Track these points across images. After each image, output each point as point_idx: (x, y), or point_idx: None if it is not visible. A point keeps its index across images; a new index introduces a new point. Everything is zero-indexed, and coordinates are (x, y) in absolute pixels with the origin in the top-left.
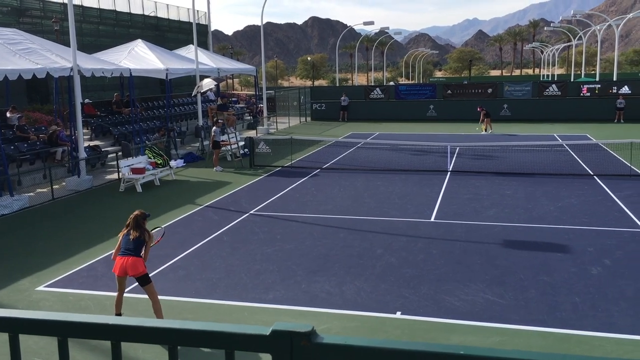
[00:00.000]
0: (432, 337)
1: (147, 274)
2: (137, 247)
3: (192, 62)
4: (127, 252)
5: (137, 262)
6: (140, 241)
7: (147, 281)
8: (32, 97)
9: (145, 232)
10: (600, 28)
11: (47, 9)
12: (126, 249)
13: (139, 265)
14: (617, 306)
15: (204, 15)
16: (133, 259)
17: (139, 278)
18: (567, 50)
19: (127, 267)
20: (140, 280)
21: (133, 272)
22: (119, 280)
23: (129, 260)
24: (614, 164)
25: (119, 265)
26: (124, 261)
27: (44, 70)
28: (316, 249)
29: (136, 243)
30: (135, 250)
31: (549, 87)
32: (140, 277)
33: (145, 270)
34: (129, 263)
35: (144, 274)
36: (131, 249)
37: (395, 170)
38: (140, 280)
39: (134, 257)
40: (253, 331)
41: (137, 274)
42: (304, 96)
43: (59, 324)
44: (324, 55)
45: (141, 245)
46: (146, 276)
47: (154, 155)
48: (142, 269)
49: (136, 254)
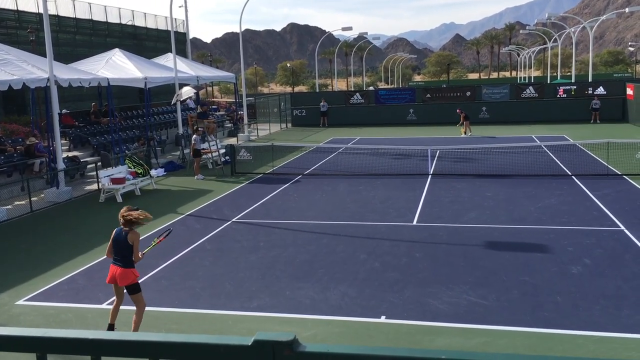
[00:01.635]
0: (417, 340)
1: (136, 284)
2: (125, 256)
3: (170, 70)
4: (116, 262)
5: (125, 273)
6: (126, 247)
7: (135, 291)
8: (9, 109)
9: (133, 233)
10: (575, 30)
11: (23, 19)
12: (116, 255)
13: (127, 277)
14: (597, 304)
15: (182, 23)
16: (122, 270)
17: (127, 287)
18: (543, 53)
19: (117, 277)
20: (128, 289)
21: (122, 282)
22: (114, 287)
23: (118, 270)
24: (592, 164)
25: (110, 274)
26: (114, 270)
27: (20, 82)
28: (300, 255)
29: (123, 250)
30: (123, 259)
31: (526, 89)
32: (128, 287)
33: (134, 280)
34: (118, 274)
35: (132, 284)
36: (119, 258)
37: (377, 174)
38: (128, 289)
39: (122, 269)
40: (235, 342)
41: (126, 284)
42: (284, 102)
43: (38, 340)
44: (304, 62)
45: (129, 251)
46: (135, 286)
47: (134, 165)
48: (131, 279)
49: (124, 264)
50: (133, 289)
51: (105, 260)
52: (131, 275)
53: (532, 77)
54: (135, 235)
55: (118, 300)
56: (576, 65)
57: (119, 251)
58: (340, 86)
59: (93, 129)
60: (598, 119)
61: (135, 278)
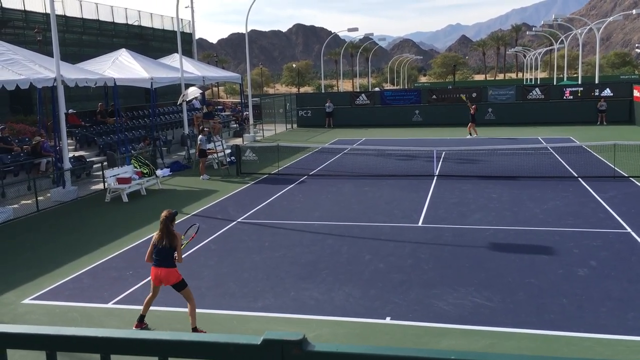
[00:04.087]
0: (422, 342)
1: (182, 281)
2: (167, 257)
3: (176, 70)
4: (160, 263)
5: (170, 273)
6: (170, 249)
7: (183, 287)
8: (15, 108)
9: (174, 238)
10: (581, 32)
11: (30, 20)
12: (158, 259)
13: (172, 276)
14: (603, 307)
15: (188, 23)
16: (166, 270)
17: (174, 286)
18: (549, 54)
19: (162, 278)
20: (175, 288)
21: (167, 283)
22: (154, 287)
23: (163, 272)
24: (598, 166)
25: (154, 276)
26: (159, 272)
27: (27, 81)
28: (304, 256)
29: (166, 252)
30: (167, 260)
31: (532, 90)
32: (174, 285)
33: (179, 278)
34: (162, 275)
35: (178, 282)
36: (162, 259)
37: (382, 175)
38: (176, 287)
39: (166, 269)
40: (244, 341)
41: (171, 284)
42: (290, 103)
43: (48, 338)
44: (309, 62)
45: (171, 253)
46: (181, 283)
47: (140, 165)
48: (176, 278)
49: (168, 265)
50: (181, 286)
51: (109, 260)
52: (176, 274)
53: (538, 79)
54: (178, 238)
55: (153, 296)
56: (583, 67)
57: (164, 253)
58: (346, 87)
59: (99, 128)
60: (605, 121)
61: (179, 276)
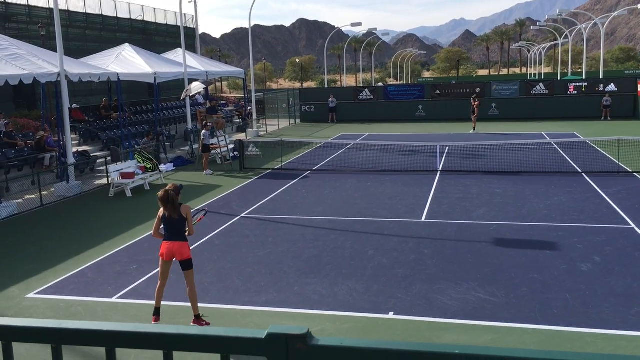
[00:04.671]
0: (425, 336)
1: (191, 259)
2: (181, 230)
3: (180, 65)
4: (173, 236)
5: (183, 246)
6: (182, 221)
7: (190, 266)
8: (19, 103)
9: (183, 207)
10: (586, 27)
11: (33, 15)
12: (171, 233)
13: (185, 250)
14: (607, 302)
15: (191, 18)
16: (180, 243)
17: (183, 262)
18: (553, 49)
19: (175, 251)
20: (184, 264)
21: (180, 256)
22: (163, 266)
23: (176, 245)
24: (602, 161)
25: (167, 250)
26: (172, 246)
27: (30, 76)
28: (308, 250)
29: (179, 225)
30: (180, 233)
31: (536, 86)
32: (185, 261)
33: (190, 254)
34: (176, 248)
35: (188, 259)
36: (175, 232)
37: (386, 170)
38: (184, 264)
39: (180, 242)
40: (249, 335)
41: (183, 259)
42: (293, 98)
43: (54, 331)
44: (312, 57)
45: (184, 224)
46: (190, 261)
47: (143, 160)
48: (188, 253)
49: (182, 238)
50: (189, 264)
51: (113, 254)
52: (188, 249)
53: (542, 74)
54: (187, 208)
55: (163, 282)
56: (587, 62)
57: (173, 226)
58: (349, 82)
59: (103, 123)
60: (609, 116)
61: (190, 253)
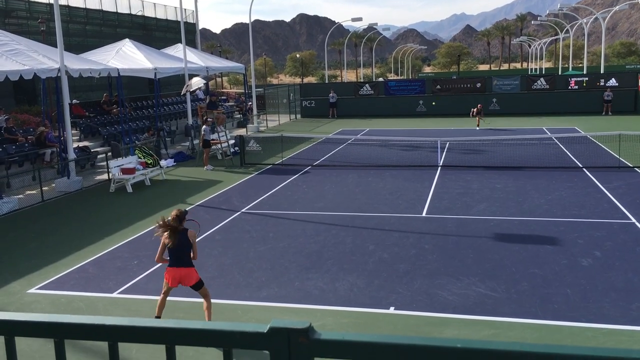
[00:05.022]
0: (425, 331)
1: (200, 280)
2: (185, 256)
3: (180, 61)
4: (178, 262)
5: (190, 272)
6: (186, 248)
7: (201, 286)
8: (20, 99)
9: (187, 234)
10: (587, 21)
11: (33, 10)
12: (176, 258)
13: (192, 277)
14: (607, 297)
15: (191, 13)
16: (186, 270)
17: (192, 286)
18: (554, 44)
19: (182, 279)
20: (195, 287)
21: (187, 283)
22: (168, 289)
23: (183, 272)
24: (603, 156)
25: (172, 278)
26: (177, 273)
27: (31, 72)
28: (309, 246)
29: (184, 251)
30: (186, 259)
31: (537, 80)
32: (194, 286)
33: (198, 277)
34: (182, 275)
35: (197, 282)
36: (180, 259)
37: (386, 166)
38: (196, 287)
39: (186, 269)
40: (250, 329)
41: (191, 285)
42: (294, 93)
43: (56, 326)
44: (313, 52)
45: (188, 251)
46: (200, 282)
47: (144, 155)
48: (195, 278)
49: (188, 264)
50: (199, 285)
51: (114, 250)
52: (195, 273)
53: (543, 69)
54: (193, 234)
55: (165, 295)
56: (588, 57)
57: (179, 253)
58: (350, 77)
59: (103, 119)
60: (610, 111)
61: (198, 275)
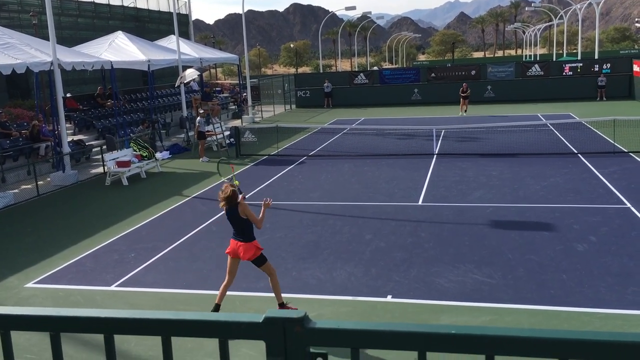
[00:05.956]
0: (423, 318)
1: (261, 256)
2: (244, 231)
3: (174, 52)
4: (237, 235)
5: (248, 248)
6: (241, 222)
7: (263, 261)
8: (13, 93)
9: (238, 210)
10: (581, 7)
11: (25, 3)
12: (236, 231)
13: (250, 251)
14: (603, 282)
15: (184, 4)
16: (244, 245)
17: (253, 261)
18: (548, 30)
19: (239, 251)
20: (255, 262)
21: (245, 256)
22: (230, 263)
23: (240, 246)
24: (598, 142)
25: (231, 248)
26: (236, 245)
27: (23, 65)
28: (305, 236)
29: (240, 225)
30: (244, 234)
31: (531, 67)
32: (253, 261)
33: (258, 252)
34: (240, 248)
35: (256, 258)
36: (239, 231)
37: (382, 155)
38: (256, 262)
39: (245, 243)
40: (246, 319)
41: (249, 259)
42: (288, 84)
43: (52, 319)
44: (307, 42)
45: (247, 226)
46: (261, 257)
47: (139, 148)
48: (253, 254)
49: (246, 239)
50: (260, 261)
51: (111, 243)
52: (254, 249)
53: (537, 55)
54: (244, 207)
55: (229, 280)
56: (582, 43)
57: (237, 227)
58: (344, 67)
59: (97, 112)
60: (604, 97)
61: (260, 250)
